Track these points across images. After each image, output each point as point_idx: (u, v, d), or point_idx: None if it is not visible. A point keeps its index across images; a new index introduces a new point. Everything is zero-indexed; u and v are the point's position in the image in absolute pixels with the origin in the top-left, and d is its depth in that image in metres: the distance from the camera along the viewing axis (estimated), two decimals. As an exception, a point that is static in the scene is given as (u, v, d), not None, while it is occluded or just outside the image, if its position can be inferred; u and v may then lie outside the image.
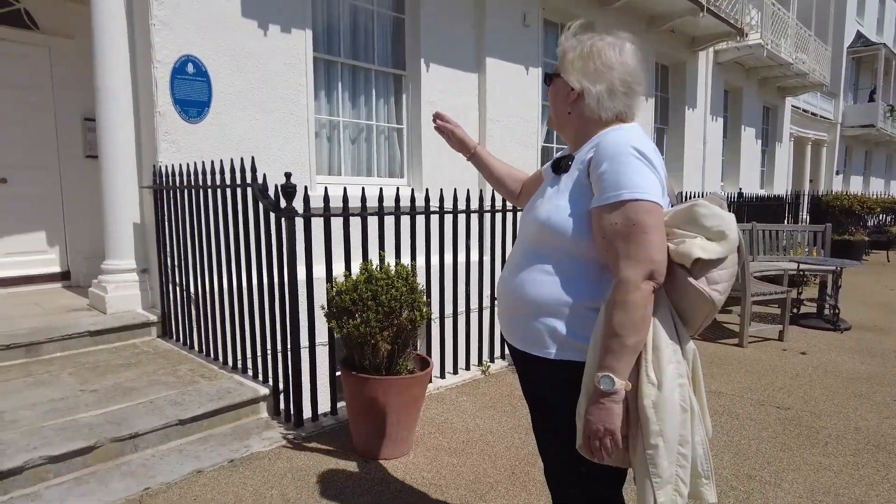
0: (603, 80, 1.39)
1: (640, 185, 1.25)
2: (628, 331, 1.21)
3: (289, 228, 2.91)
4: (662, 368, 1.25)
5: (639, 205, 1.23)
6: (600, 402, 1.24)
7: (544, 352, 1.37)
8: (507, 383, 3.83)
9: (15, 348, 3.55)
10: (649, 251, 1.23)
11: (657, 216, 1.25)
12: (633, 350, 1.23)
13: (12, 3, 5.03)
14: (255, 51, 4.55)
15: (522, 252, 1.45)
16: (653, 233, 1.23)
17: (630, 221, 1.23)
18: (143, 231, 4.34)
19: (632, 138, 1.31)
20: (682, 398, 1.26)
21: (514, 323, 1.45)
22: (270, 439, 2.90)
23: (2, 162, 5.04)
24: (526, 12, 6.76)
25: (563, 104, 1.45)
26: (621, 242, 1.24)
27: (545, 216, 1.36)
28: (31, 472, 2.40)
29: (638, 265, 1.22)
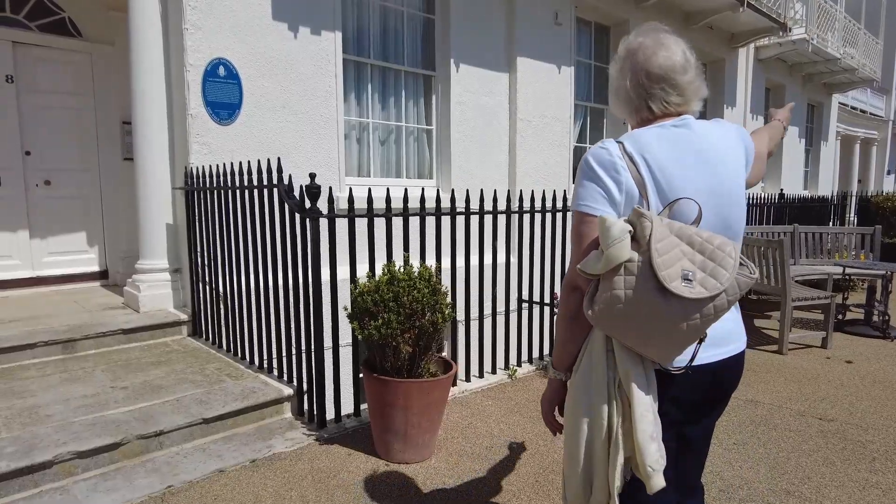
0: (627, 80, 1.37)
1: (581, 196, 1.29)
2: (558, 327, 1.40)
3: (313, 229, 2.91)
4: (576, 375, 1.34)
5: (576, 214, 1.30)
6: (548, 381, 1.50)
7: None
8: (533, 388, 3.75)
9: (53, 344, 3.66)
10: (576, 257, 1.28)
11: (590, 227, 1.26)
12: (560, 345, 1.39)
13: (58, 13, 5.22)
14: (286, 53, 4.60)
15: None
16: (583, 241, 1.27)
17: (573, 229, 1.32)
18: (176, 231, 4.43)
19: (592, 150, 1.31)
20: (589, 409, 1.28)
21: None
22: (293, 440, 2.90)
23: (46, 165, 5.22)
24: (558, 11, 6.65)
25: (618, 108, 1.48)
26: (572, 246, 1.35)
27: None
28: (60, 466, 2.45)
29: (570, 270, 1.31)
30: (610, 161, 1.25)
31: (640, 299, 1.14)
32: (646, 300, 1.13)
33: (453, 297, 3.56)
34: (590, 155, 1.29)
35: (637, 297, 1.14)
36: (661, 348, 1.20)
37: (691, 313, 1.14)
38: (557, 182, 6.80)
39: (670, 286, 1.11)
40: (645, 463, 1.19)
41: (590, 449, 1.26)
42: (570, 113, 7.02)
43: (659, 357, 1.23)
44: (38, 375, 3.34)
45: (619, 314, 1.16)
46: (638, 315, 1.15)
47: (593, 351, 1.29)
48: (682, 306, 1.13)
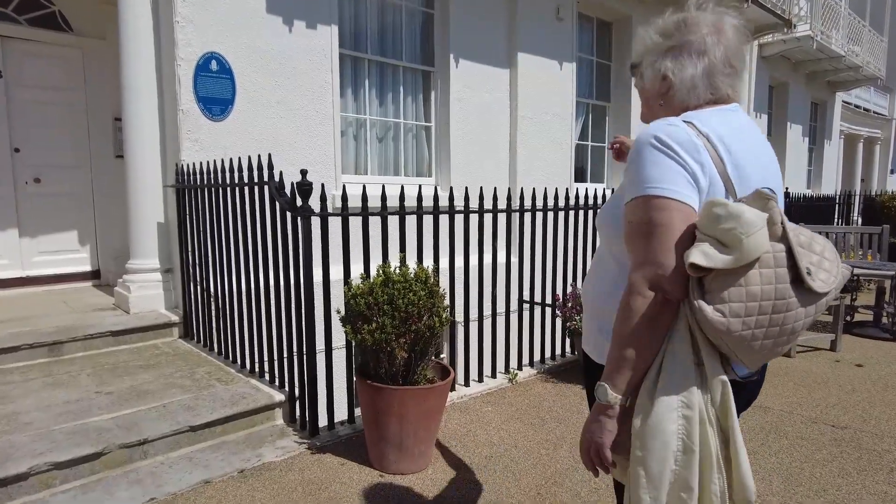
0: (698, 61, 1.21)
1: (655, 179, 1.08)
2: (624, 341, 1.09)
3: (304, 228, 2.79)
4: (662, 394, 1.07)
5: (652, 201, 1.08)
6: (595, 414, 1.15)
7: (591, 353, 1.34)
8: (534, 393, 3.63)
9: (38, 347, 3.54)
10: (656, 253, 1.06)
11: (670, 215, 1.06)
12: (630, 363, 1.08)
13: (48, 6, 5.09)
14: (280, 48, 4.47)
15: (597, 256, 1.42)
16: (661, 233, 1.06)
17: (641, 219, 1.09)
18: (168, 230, 4.30)
19: (658, 126, 1.12)
20: (682, 432, 1.05)
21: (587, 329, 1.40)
22: (284, 448, 2.78)
23: (36, 162, 5.10)
24: (559, 6, 6.52)
25: (655, 95, 1.28)
26: (632, 241, 1.12)
27: (601, 215, 1.33)
28: (37, 478, 2.33)
29: (643, 268, 1.07)
30: (689, 140, 1.09)
31: (778, 295, 1.02)
32: (781, 296, 1.02)
33: (452, 299, 3.44)
34: (660, 132, 1.10)
35: (776, 293, 1.02)
36: (767, 352, 1.06)
37: (812, 310, 1.05)
38: (559, 180, 6.67)
39: (809, 279, 1.03)
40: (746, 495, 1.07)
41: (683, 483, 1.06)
42: (572, 110, 6.90)
43: (754, 362, 1.09)
44: (21, 380, 3.22)
45: (755, 313, 1.02)
46: (773, 313, 1.03)
47: (678, 362, 1.07)
48: (808, 302, 1.04)
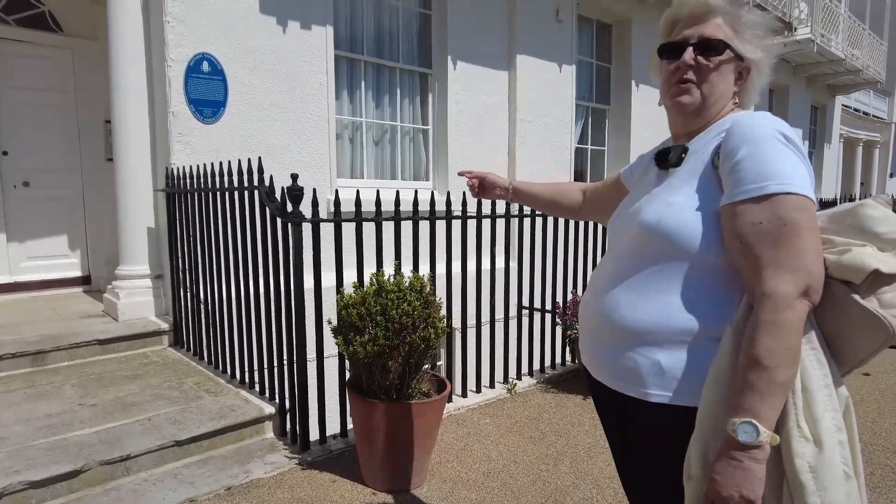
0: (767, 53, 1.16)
1: (790, 175, 0.97)
2: (779, 361, 0.92)
3: (295, 234, 2.68)
4: (818, 418, 0.94)
5: (790, 199, 0.96)
6: (735, 459, 0.92)
7: (642, 392, 1.08)
8: (534, 404, 3.52)
9: (21, 356, 3.43)
10: (805, 259, 0.95)
11: (812, 216, 0.97)
12: (784, 389, 0.93)
13: (37, 6, 4.99)
14: (274, 49, 4.38)
15: (616, 266, 1.17)
16: (808, 236, 0.96)
17: (780, 220, 0.96)
18: (158, 236, 4.20)
19: (776, 121, 1.03)
20: (844, 461, 0.94)
21: (604, 355, 1.16)
22: (273, 464, 2.67)
23: (25, 165, 4.99)
24: (559, 7, 6.44)
25: (731, 83, 1.14)
26: (767, 247, 0.96)
27: (655, 218, 1.08)
28: (11, 497, 2.22)
29: (791, 276, 0.94)
30: (800, 139, 1.03)
31: None
32: None
33: (449, 306, 3.33)
34: (781, 126, 1.02)
35: None
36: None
37: None
38: (558, 184, 6.57)
39: None
40: None
41: None
42: (572, 113, 6.81)
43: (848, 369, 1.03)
44: (2, 391, 3.11)
45: None
46: None
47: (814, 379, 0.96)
48: None
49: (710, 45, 1.11)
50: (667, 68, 1.16)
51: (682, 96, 1.14)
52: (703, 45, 1.12)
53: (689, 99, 1.13)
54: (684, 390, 1.04)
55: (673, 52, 1.15)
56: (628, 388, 1.10)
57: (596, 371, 1.21)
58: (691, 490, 1.00)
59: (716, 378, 0.99)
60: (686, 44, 1.13)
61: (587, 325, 1.23)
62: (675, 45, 1.14)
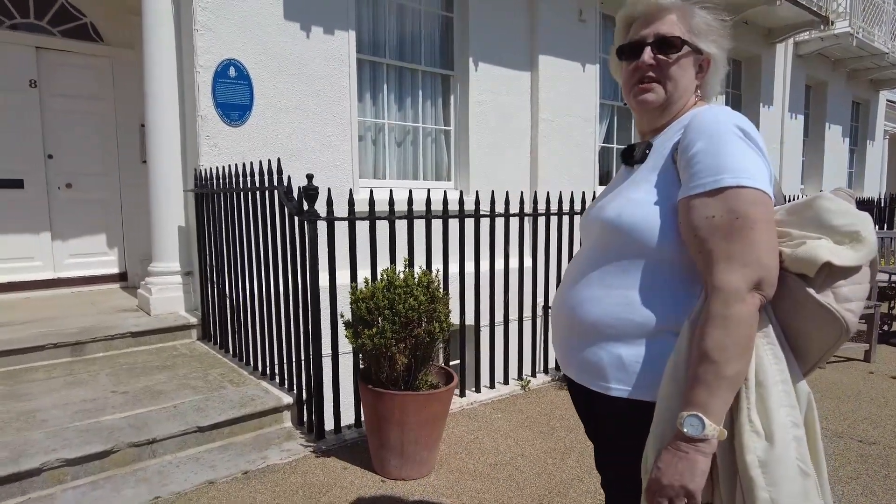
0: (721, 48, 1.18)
1: (745, 169, 0.98)
2: (728, 355, 0.93)
3: (310, 232, 2.81)
4: (771, 413, 0.95)
5: (744, 192, 0.97)
6: (680, 451, 0.94)
7: (604, 387, 1.10)
8: (547, 401, 3.57)
9: (62, 347, 3.65)
10: (757, 252, 0.96)
11: (767, 210, 0.98)
12: (733, 383, 0.94)
13: (80, 18, 5.28)
14: (298, 53, 4.53)
15: (581, 263, 1.20)
16: (762, 229, 0.96)
17: (733, 213, 0.96)
18: (188, 234, 4.40)
19: (734, 115, 1.05)
20: (800, 457, 0.95)
21: (570, 349, 1.18)
22: (289, 451, 2.80)
23: (68, 168, 5.29)
24: (582, 7, 6.43)
25: (692, 77, 1.16)
26: (720, 240, 0.96)
27: (614, 213, 1.09)
28: (49, 473, 2.40)
29: (743, 270, 0.95)
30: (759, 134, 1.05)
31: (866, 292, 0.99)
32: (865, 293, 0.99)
33: (462, 304, 3.41)
34: (739, 120, 1.03)
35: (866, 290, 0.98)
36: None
37: None
38: (582, 184, 6.56)
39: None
40: None
41: None
42: (596, 113, 6.79)
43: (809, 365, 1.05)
44: (44, 378, 3.33)
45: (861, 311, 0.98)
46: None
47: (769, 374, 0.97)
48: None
49: (668, 42, 1.13)
50: (627, 69, 1.19)
51: (644, 94, 1.16)
52: (660, 43, 1.13)
53: (652, 97, 1.15)
54: (643, 384, 1.05)
55: (632, 52, 1.17)
56: (592, 381, 1.12)
57: (564, 365, 1.24)
58: (646, 480, 1.01)
59: (673, 372, 1.00)
60: (644, 43, 1.15)
61: (556, 320, 1.25)
62: (634, 45, 1.17)
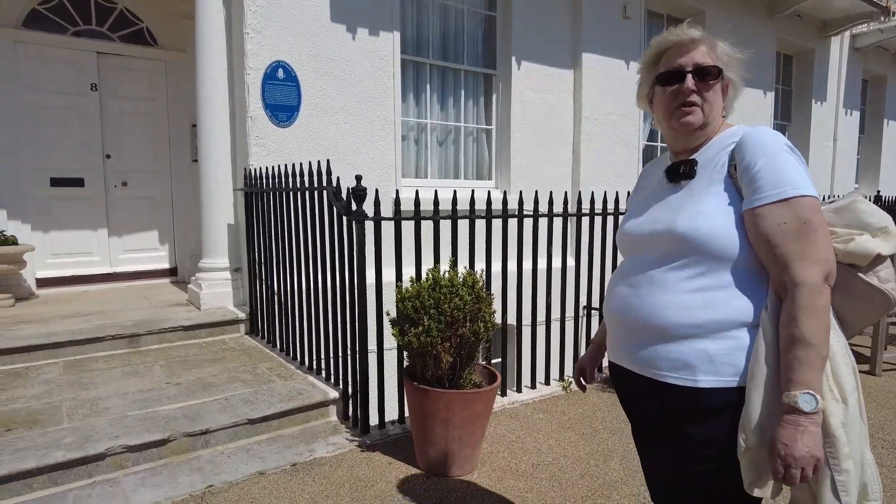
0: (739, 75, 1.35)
1: (801, 181, 1.17)
2: (823, 338, 1.11)
3: (358, 231, 2.86)
4: (842, 381, 1.16)
5: (805, 201, 1.15)
6: (800, 426, 1.09)
7: (691, 380, 1.21)
8: (589, 402, 3.54)
9: (120, 339, 3.83)
10: (823, 250, 1.15)
11: (821, 214, 1.18)
12: (825, 361, 1.13)
13: (137, 23, 5.51)
14: (343, 55, 4.61)
15: (646, 270, 1.31)
16: (822, 231, 1.16)
17: (800, 219, 1.15)
18: (237, 232, 4.54)
19: (778, 134, 1.24)
20: (860, 411, 1.18)
21: (648, 351, 1.28)
22: (335, 444, 2.86)
23: (124, 167, 5.53)
24: (626, 4, 6.34)
25: (721, 100, 1.32)
26: (792, 243, 1.14)
27: (689, 225, 1.22)
28: (112, 459, 2.52)
29: (817, 266, 1.13)
30: None
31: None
32: None
33: (504, 303, 3.42)
34: (783, 138, 1.23)
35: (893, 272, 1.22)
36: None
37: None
38: (626, 183, 6.46)
39: None
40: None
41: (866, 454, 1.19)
42: (640, 111, 6.68)
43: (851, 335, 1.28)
44: (104, 368, 3.50)
45: None
46: None
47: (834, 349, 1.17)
48: None
49: (706, 70, 1.27)
50: (666, 94, 1.31)
51: (687, 117, 1.29)
52: (700, 71, 1.28)
53: (693, 118, 1.29)
54: (730, 373, 1.19)
55: (672, 78, 1.30)
56: (679, 378, 1.23)
57: (637, 366, 1.32)
58: (748, 459, 1.16)
59: (762, 358, 1.15)
60: (684, 71, 1.28)
61: (622, 325, 1.35)
62: (674, 73, 1.29)
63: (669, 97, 1.30)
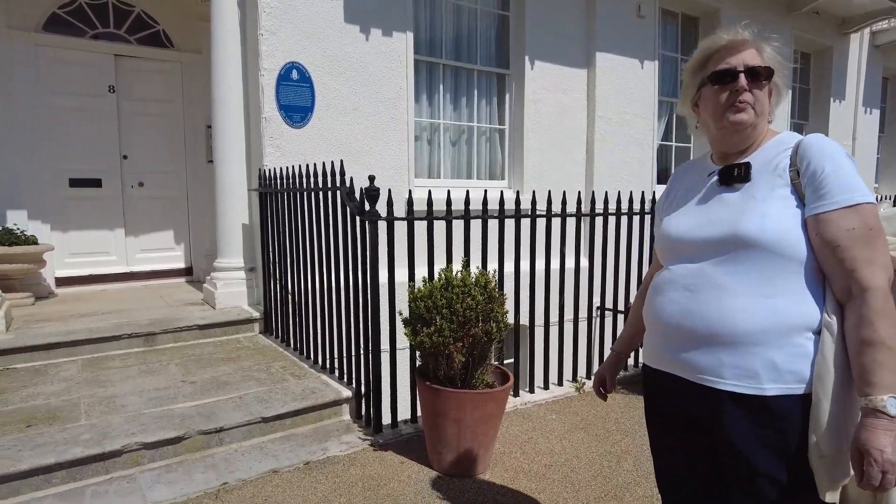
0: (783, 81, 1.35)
1: (865, 188, 1.20)
2: None
3: (371, 232, 2.87)
4: None
5: (870, 208, 1.18)
6: (890, 430, 1.07)
7: (758, 388, 1.19)
8: (602, 404, 3.52)
9: (136, 337, 3.88)
10: (887, 256, 1.18)
11: (880, 221, 1.21)
12: None
13: (154, 26, 5.58)
14: (357, 55, 4.63)
15: (711, 275, 1.26)
16: (883, 237, 1.19)
17: (867, 226, 1.16)
18: (252, 231, 4.58)
19: (835, 142, 1.27)
20: None
21: (708, 356, 1.25)
22: (348, 443, 2.88)
23: (140, 168, 5.60)
24: (641, 3, 6.29)
25: (768, 103, 1.32)
26: (862, 248, 1.15)
27: (756, 228, 1.20)
28: (129, 455, 2.56)
29: (883, 270, 1.15)
30: None
31: None
32: None
33: (517, 303, 3.41)
34: (839, 145, 1.25)
35: None
36: None
37: None
38: (640, 183, 6.42)
39: None
40: None
41: None
42: (654, 110, 6.63)
43: None
44: (121, 366, 3.54)
45: None
46: None
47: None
48: None
49: (758, 71, 1.27)
50: (718, 94, 1.30)
51: (740, 114, 1.28)
52: (752, 72, 1.27)
53: (745, 116, 1.28)
54: (794, 380, 1.17)
55: (723, 78, 1.29)
56: (743, 386, 1.21)
57: (689, 373, 1.28)
58: (823, 466, 1.15)
59: (830, 364, 1.14)
60: (737, 71, 1.27)
61: (683, 332, 1.29)
62: (725, 73, 1.28)
63: (720, 97, 1.30)
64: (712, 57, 1.32)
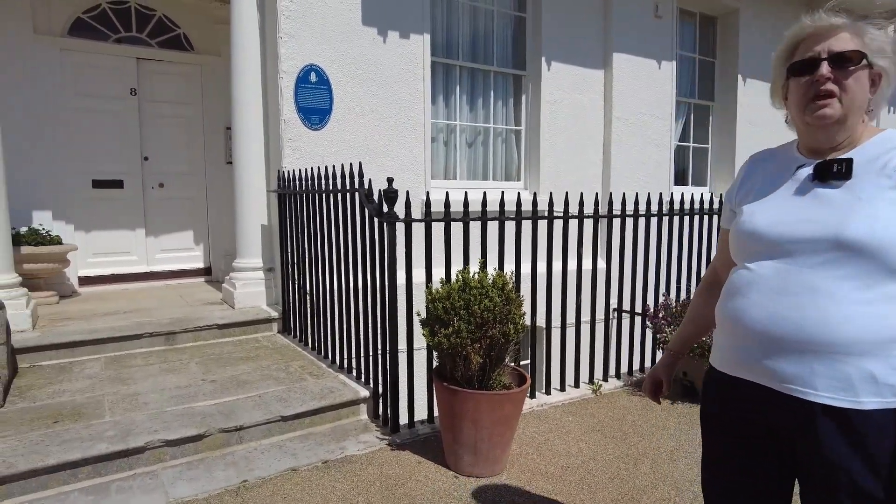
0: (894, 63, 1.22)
1: None
2: None
3: (389, 233, 2.90)
4: None
5: None
6: None
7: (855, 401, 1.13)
8: (619, 406, 3.51)
9: (157, 336, 3.95)
10: None
11: None
12: None
13: (174, 29, 5.67)
14: (375, 58, 4.66)
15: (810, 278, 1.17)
16: None
17: None
18: (270, 232, 4.63)
19: None
20: None
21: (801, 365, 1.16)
22: (366, 443, 2.90)
23: (161, 169, 5.69)
24: (658, 3, 6.25)
25: (867, 91, 1.20)
26: None
27: (865, 231, 1.12)
28: (152, 452, 2.61)
29: None
30: None
31: None
32: None
33: (533, 305, 3.42)
34: None
35: None
36: None
37: None
38: (657, 184, 6.38)
39: None
40: None
41: None
42: (672, 110, 6.58)
43: None
44: (143, 364, 3.61)
45: None
46: None
47: None
48: None
49: (844, 56, 1.16)
50: (801, 85, 1.21)
51: (823, 109, 1.18)
52: (837, 58, 1.17)
53: (830, 111, 1.18)
54: (893, 394, 1.11)
55: (804, 68, 1.20)
56: (839, 399, 1.13)
57: (776, 382, 1.21)
58: None
59: None
60: (819, 59, 1.18)
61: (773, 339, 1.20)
62: (808, 62, 1.19)
63: (803, 88, 1.20)
64: (799, 46, 1.24)
